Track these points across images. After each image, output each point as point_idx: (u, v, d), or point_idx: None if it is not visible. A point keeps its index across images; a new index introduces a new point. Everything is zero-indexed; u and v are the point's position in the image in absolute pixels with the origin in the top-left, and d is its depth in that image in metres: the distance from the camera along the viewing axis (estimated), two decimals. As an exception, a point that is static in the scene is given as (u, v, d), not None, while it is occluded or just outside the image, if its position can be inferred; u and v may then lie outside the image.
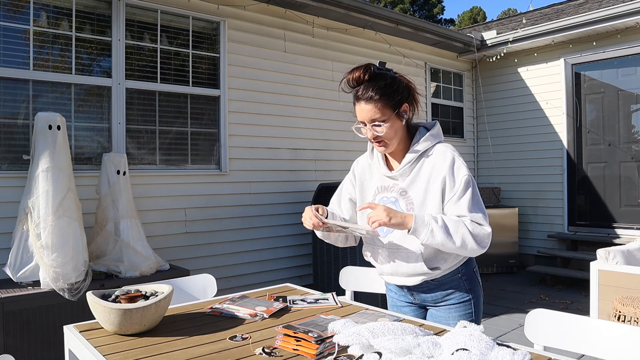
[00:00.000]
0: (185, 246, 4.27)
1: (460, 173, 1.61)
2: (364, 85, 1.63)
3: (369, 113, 1.63)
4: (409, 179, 1.69)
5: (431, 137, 1.70)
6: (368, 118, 1.64)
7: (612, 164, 6.07)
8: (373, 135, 1.66)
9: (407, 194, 1.69)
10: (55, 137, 3.09)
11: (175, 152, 4.30)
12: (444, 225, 1.55)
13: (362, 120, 1.66)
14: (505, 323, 4.28)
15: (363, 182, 1.84)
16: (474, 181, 1.64)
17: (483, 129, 7.22)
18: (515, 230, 6.37)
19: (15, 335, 2.80)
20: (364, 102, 1.63)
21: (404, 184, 1.70)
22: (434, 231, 1.54)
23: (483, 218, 1.60)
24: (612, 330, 1.48)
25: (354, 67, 1.68)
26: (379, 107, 1.61)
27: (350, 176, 1.89)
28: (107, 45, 3.93)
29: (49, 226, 2.95)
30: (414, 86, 1.72)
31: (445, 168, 1.63)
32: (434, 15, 29.55)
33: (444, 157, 1.65)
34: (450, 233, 1.55)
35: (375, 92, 1.61)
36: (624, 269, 3.14)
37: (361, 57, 5.58)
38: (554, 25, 5.98)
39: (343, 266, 2.45)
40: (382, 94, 1.61)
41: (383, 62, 1.70)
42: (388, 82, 1.64)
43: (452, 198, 1.61)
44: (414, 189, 1.68)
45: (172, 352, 1.35)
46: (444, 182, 1.62)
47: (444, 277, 1.72)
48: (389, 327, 1.32)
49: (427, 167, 1.67)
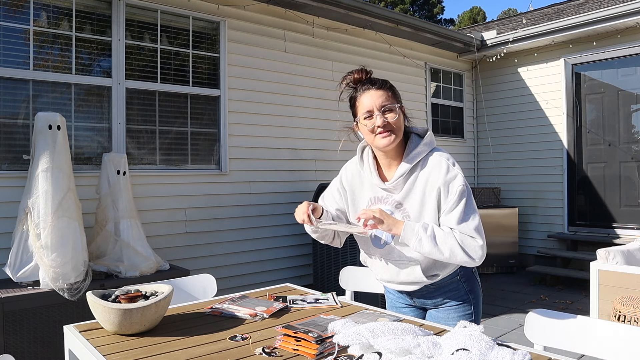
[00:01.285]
0: (185, 246, 4.27)
1: (455, 183, 1.58)
2: (368, 79, 1.67)
3: (380, 98, 1.62)
4: (404, 191, 1.65)
5: (424, 146, 1.67)
6: (379, 104, 1.61)
7: (612, 164, 6.07)
8: (383, 122, 1.60)
9: (403, 206, 1.66)
10: (55, 137, 3.09)
11: (175, 152, 4.30)
12: (432, 235, 1.53)
13: (370, 108, 1.61)
14: (505, 323, 4.28)
15: (354, 191, 1.79)
16: (469, 190, 1.61)
17: (483, 129, 7.22)
18: (515, 230, 6.37)
19: (15, 335, 2.80)
20: (374, 89, 1.63)
21: (398, 196, 1.66)
22: (422, 240, 1.53)
23: (475, 230, 1.55)
24: (612, 330, 1.48)
25: (353, 70, 1.69)
26: (389, 95, 1.64)
27: (338, 185, 1.83)
28: (107, 45, 3.93)
29: (48, 226, 2.95)
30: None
31: (441, 179, 1.59)
32: (434, 15, 29.54)
33: (439, 167, 1.61)
34: (437, 243, 1.53)
35: (383, 83, 1.65)
36: (624, 269, 3.14)
37: (361, 57, 5.58)
38: (554, 25, 5.98)
39: (343, 266, 2.46)
40: (390, 87, 1.66)
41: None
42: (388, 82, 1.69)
43: (446, 209, 1.58)
44: (410, 201, 1.64)
45: (172, 352, 1.35)
46: (439, 192, 1.59)
47: (443, 280, 1.72)
48: (389, 327, 1.32)
49: (422, 178, 1.63)
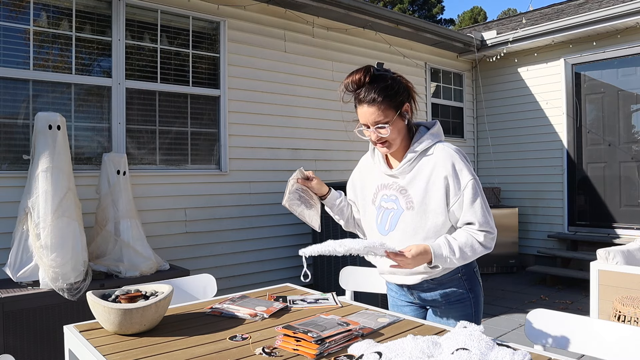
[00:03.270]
0: (185, 246, 4.27)
1: (465, 176, 1.62)
2: (366, 87, 1.62)
3: (372, 116, 1.63)
4: (409, 177, 1.70)
5: (431, 137, 1.70)
6: (372, 121, 1.64)
7: (612, 164, 6.07)
8: (377, 137, 1.66)
9: (407, 192, 1.69)
10: (55, 137, 3.09)
11: (175, 152, 4.30)
12: (461, 254, 1.60)
13: (365, 123, 1.66)
14: (505, 323, 4.28)
15: (364, 180, 1.86)
16: (479, 182, 1.66)
17: (483, 129, 7.22)
18: (515, 230, 6.37)
19: (15, 335, 2.80)
20: (366, 105, 1.63)
21: (403, 182, 1.71)
22: (455, 262, 1.61)
23: (490, 223, 1.63)
24: (612, 331, 1.48)
25: (354, 70, 1.67)
26: (382, 109, 1.61)
27: (354, 177, 1.93)
28: (107, 45, 3.93)
29: (48, 226, 2.95)
30: (412, 86, 1.73)
31: (448, 168, 1.63)
32: (434, 15, 29.54)
33: (444, 156, 1.65)
34: (467, 258, 1.62)
35: (377, 94, 1.61)
36: (624, 269, 3.14)
37: (361, 57, 5.58)
38: (554, 25, 5.98)
39: (343, 266, 2.46)
40: (384, 96, 1.61)
41: (381, 63, 1.68)
42: (389, 83, 1.63)
43: (462, 203, 1.62)
44: (414, 187, 1.68)
45: (172, 352, 1.35)
46: (447, 181, 1.62)
47: (444, 277, 1.72)
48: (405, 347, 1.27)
49: (427, 165, 1.67)
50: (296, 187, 1.80)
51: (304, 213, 1.81)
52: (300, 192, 1.80)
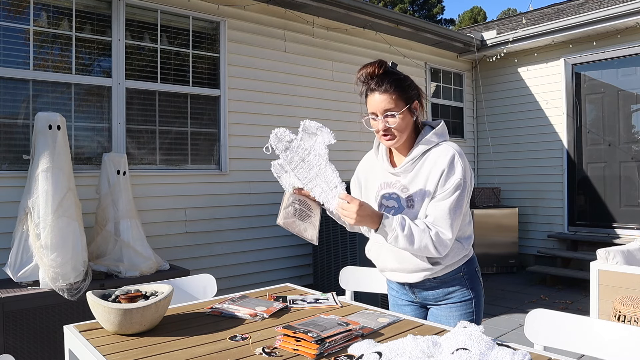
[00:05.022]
0: (185, 246, 4.27)
1: (455, 176, 1.62)
2: (378, 77, 1.66)
3: (382, 103, 1.64)
4: (411, 176, 1.70)
5: (435, 136, 1.71)
6: (381, 108, 1.65)
7: (612, 164, 6.06)
8: (384, 126, 1.66)
9: (408, 191, 1.70)
10: (55, 137, 3.09)
11: (175, 152, 4.30)
12: (409, 234, 1.57)
13: (374, 111, 1.67)
14: (505, 323, 4.28)
15: (367, 178, 1.86)
16: (466, 186, 1.64)
17: (483, 129, 7.22)
18: (515, 230, 6.37)
19: (15, 335, 2.80)
20: (378, 92, 1.65)
21: (405, 180, 1.71)
22: (398, 237, 1.57)
23: (450, 227, 1.60)
24: (612, 331, 1.48)
25: (366, 63, 1.70)
26: (393, 98, 1.64)
27: (358, 173, 1.93)
28: (107, 45, 3.93)
29: (48, 226, 2.95)
30: (422, 91, 1.76)
31: (445, 164, 1.63)
32: (434, 15, 29.55)
33: (445, 155, 1.65)
34: (413, 242, 1.58)
35: (390, 85, 1.64)
36: (624, 269, 3.14)
37: (361, 57, 5.58)
38: (554, 25, 5.98)
39: (343, 266, 2.46)
40: (396, 87, 1.65)
41: (395, 64, 1.72)
42: (402, 77, 1.68)
43: (437, 197, 1.63)
44: (415, 186, 1.69)
45: (172, 352, 1.35)
46: (441, 176, 1.63)
47: (446, 276, 1.72)
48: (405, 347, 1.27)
49: (428, 164, 1.68)
50: (292, 199, 1.71)
51: (300, 228, 1.73)
52: (297, 205, 1.71)
